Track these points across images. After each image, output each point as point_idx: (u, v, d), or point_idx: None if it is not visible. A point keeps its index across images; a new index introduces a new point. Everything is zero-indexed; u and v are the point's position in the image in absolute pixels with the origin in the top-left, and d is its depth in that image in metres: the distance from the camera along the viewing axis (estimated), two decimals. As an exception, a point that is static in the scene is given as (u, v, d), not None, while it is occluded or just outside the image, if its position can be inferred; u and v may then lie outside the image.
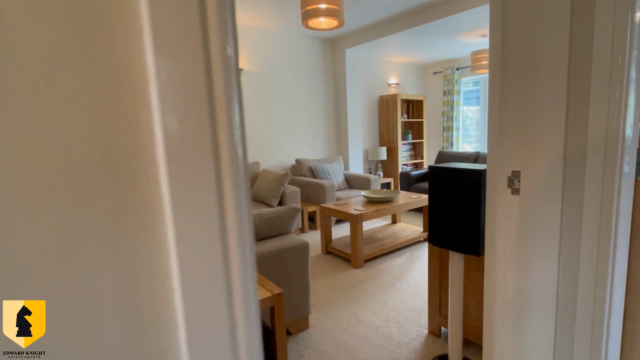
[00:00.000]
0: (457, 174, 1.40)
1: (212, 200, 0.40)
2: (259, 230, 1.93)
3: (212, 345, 0.42)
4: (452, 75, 5.51)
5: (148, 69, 0.36)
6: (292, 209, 2.05)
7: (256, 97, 4.44)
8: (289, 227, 2.08)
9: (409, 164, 5.95)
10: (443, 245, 1.50)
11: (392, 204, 3.11)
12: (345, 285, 2.55)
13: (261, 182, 3.94)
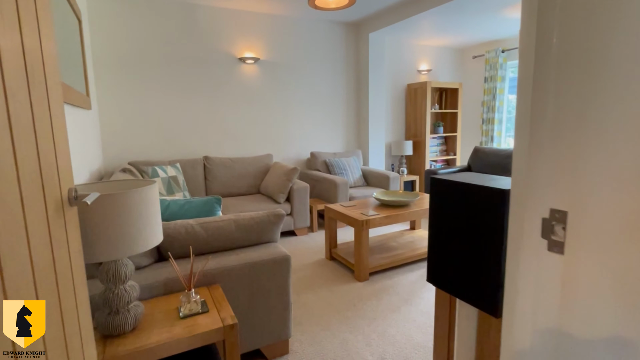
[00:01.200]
0: (471, 193, 1.05)
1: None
2: (232, 238, 1.71)
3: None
4: (495, 59, 4.97)
5: None
6: (274, 215, 1.81)
7: (271, 87, 4.24)
8: (271, 235, 1.84)
9: (439, 160, 5.52)
10: (447, 289, 1.19)
11: (407, 209, 2.78)
12: (343, 302, 2.29)
13: (271, 177, 3.74)
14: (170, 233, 1.58)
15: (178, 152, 3.86)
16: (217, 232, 1.67)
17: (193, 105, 3.86)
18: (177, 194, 3.34)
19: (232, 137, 4.13)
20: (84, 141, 2.42)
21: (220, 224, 1.69)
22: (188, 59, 3.77)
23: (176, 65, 3.72)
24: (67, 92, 1.85)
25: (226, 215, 1.75)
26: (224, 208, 3.35)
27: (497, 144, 5.21)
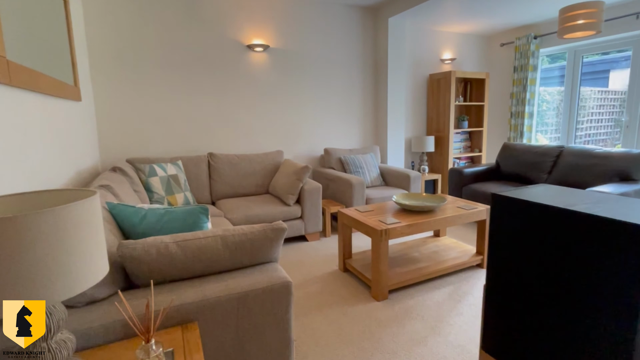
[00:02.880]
0: (582, 225, 0.62)
1: None
2: (218, 259, 1.33)
3: None
4: (527, 46, 4.42)
5: None
6: (272, 230, 1.42)
7: (282, 77, 3.85)
8: (269, 254, 1.46)
9: (463, 157, 5.02)
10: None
11: (432, 217, 2.35)
12: (357, 328, 1.90)
13: (280, 176, 3.37)
14: (138, 255, 1.21)
15: (181, 148, 3.53)
16: (199, 253, 1.30)
17: (197, 97, 3.51)
18: (177, 195, 3.00)
19: (239, 132, 3.76)
20: (67, 136, 2.09)
21: (203, 242, 1.31)
22: (191, 46, 3.41)
23: (179, 54, 3.37)
24: (34, 79, 1.50)
25: (212, 230, 1.37)
26: (228, 209, 2.99)
27: (527, 140, 4.67)
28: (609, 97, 4.58)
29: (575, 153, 3.31)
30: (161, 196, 2.90)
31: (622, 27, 3.76)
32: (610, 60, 4.46)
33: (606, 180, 2.95)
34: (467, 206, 2.58)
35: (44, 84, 1.67)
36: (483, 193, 3.52)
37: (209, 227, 1.54)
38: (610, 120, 4.51)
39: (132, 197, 2.25)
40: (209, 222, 1.55)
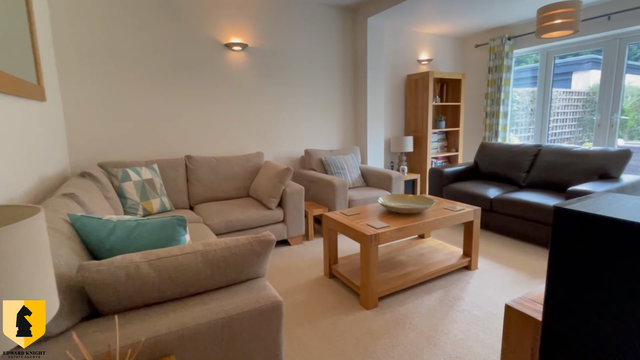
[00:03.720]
0: None
1: None
2: (197, 278, 1.15)
3: None
4: (501, 47, 4.44)
5: None
6: (259, 243, 1.25)
7: (261, 77, 3.65)
8: (256, 270, 1.29)
9: (440, 157, 5.00)
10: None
11: (421, 219, 2.25)
12: (349, 341, 1.76)
13: (261, 178, 3.18)
14: (103, 279, 1.01)
15: (156, 151, 3.27)
16: (176, 273, 1.11)
17: (173, 97, 3.26)
18: (153, 200, 2.76)
19: (218, 134, 3.54)
20: (28, 139, 1.82)
21: (180, 260, 1.13)
22: (167, 45, 3.15)
23: (153, 52, 3.11)
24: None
25: (190, 245, 1.19)
26: (207, 215, 2.78)
27: (501, 139, 4.71)
28: (572, 97, 4.69)
29: (553, 152, 3.32)
30: (136, 202, 2.65)
31: (594, 28, 3.82)
32: (572, 63, 4.57)
33: (586, 179, 2.97)
34: (453, 207, 2.50)
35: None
36: (464, 193, 3.48)
37: (187, 240, 1.35)
38: (574, 119, 4.62)
39: (102, 205, 2.01)
40: (187, 234, 1.36)
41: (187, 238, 1.36)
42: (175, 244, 1.29)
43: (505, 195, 3.17)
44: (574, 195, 2.62)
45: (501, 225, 3.19)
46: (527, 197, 3.02)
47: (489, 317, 1.95)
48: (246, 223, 2.83)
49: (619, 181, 2.81)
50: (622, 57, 3.81)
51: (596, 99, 4.29)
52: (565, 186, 3.10)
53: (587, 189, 2.58)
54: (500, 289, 2.27)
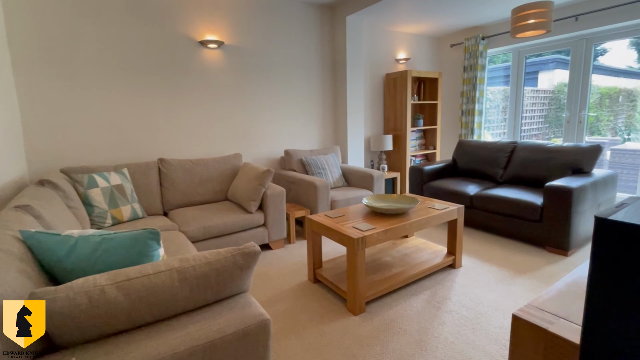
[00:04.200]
0: None
1: None
2: (174, 299, 1.02)
3: None
4: (475, 47, 4.49)
5: None
6: (242, 255, 1.14)
7: (238, 76, 3.49)
8: (239, 285, 1.17)
9: (419, 155, 5.02)
10: None
11: (407, 220, 2.19)
12: (338, 351, 1.67)
13: (240, 181, 3.03)
14: (60, 308, 0.86)
15: (126, 154, 3.04)
16: (149, 295, 0.98)
17: (145, 97, 3.04)
18: (123, 207, 2.55)
19: (193, 135, 3.35)
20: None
21: (153, 280, 0.99)
22: (136, 42, 2.94)
23: (122, 50, 2.88)
24: None
25: (165, 262, 1.05)
26: (183, 221, 2.61)
27: (477, 136, 4.78)
28: (539, 95, 4.84)
29: (528, 148, 3.38)
30: (103, 210, 2.44)
31: (563, 28, 3.92)
32: (538, 63, 4.71)
33: (560, 174, 3.03)
34: (437, 206, 2.47)
35: None
36: (444, 190, 3.48)
37: (161, 255, 1.21)
38: (541, 117, 4.77)
39: (64, 216, 1.81)
40: (160, 248, 1.22)
41: (161, 252, 1.22)
42: (147, 261, 1.15)
43: (484, 191, 3.20)
44: (552, 191, 2.66)
45: (481, 222, 3.21)
46: (505, 193, 3.05)
47: (478, 317, 1.93)
48: (225, 228, 2.68)
49: (592, 176, 2.89)
50: (589, 56, 3.94)
51: (561, 96, 4.43)
52: (541, 181, 3.16)
53: (564, 184, 2.62)
54: (485, 287, 2.25)
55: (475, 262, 2.64)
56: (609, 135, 4.15)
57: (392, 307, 2.04)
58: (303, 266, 2.66)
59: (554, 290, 1.01)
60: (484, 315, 1.94)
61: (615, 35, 3.72)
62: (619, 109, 4.06)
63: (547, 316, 0.89)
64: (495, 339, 1.73)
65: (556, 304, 0.96)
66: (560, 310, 0.94)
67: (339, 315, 1.99)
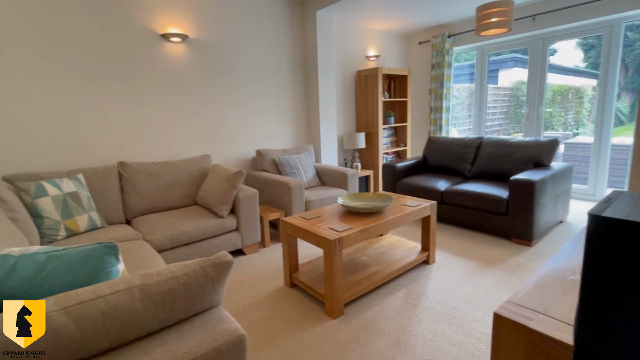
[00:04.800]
0: None
1: None
2: (136, 321, 0.92)
3: None
4: (442, 45, 4.59)
5: None
6: (212, 266, 1.05)
7: (204, 72, 3.32)
8: (210, 299, 1.08)
9: (390, 152, 5.06)
10: None
11: (383, 218, 2.17)
12: (318, 357, 1.62)
13: (209, 184, 2.89)
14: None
15: (81, 158, 2.81)
16: (105, 319, 0.87)
17: (100, 95, 2.82)
18: (79, 217, 2.35)
19: (157, 136, 3.16)
20: None
21: (111, 301, 0.88)
22: (91, 33, 2.70)
23: (74, 42, 2.64)
24: None
25: (125, 279, 0.94)
26: (148, 229, 2.44)
27: (445, 133, 4.90)
28: (500, 92, 5.05)
29: (493, 143, 3.49)
30: (55, 221, 2.23)
31: (522, 28, 4.09)
32: (498, 61, 4.92)
33: (523, 168, 3.15)
34: (411, 203, 2.48)
35: None
36: (416, 187, 3.52)
37: (120, 271, 1.10)
38: (502, 113, 4.99)
39: (5, 231, 1.62)
40: (120, 263, 1.10)
41: (121, 268, 1.10)
42: (104, 279, 1.03)
43: (453, 187, 3.26)
44: (516, 184, 2.76)
45: (452, 216, 3.28)
46: (473, 187, 3.13)
47: (453, 312, 1.94)
48: (194, 235, 2.54)
49: (551, 169, 3.03)
50: (545, 55, 4.14)
51: (519, 93, 4.65)
52: (506, 175, 3.28)
53: (527, 178, 2.72)
54: (458, 281, 2.29)
55: (447, 256, 2.68)
56: (560, 130, 4.41)
57: (370, 308, 2.02)
58: (279, 271, 2.59)
59: (530, 284, 1.01)
60: (458, 310, 1.97)
61: (568, 35, 3.93)
62: (569, 105, 4.32)
63: (527, 312, 0.88)
64: (470, 333, 1.75)
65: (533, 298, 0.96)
66: (538, 305, 0.94)
67: (318, 319, 1.93)
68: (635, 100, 3.85)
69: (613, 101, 3.74)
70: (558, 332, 0.81)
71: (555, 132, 4.44)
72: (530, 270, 2.38)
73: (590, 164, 3.99)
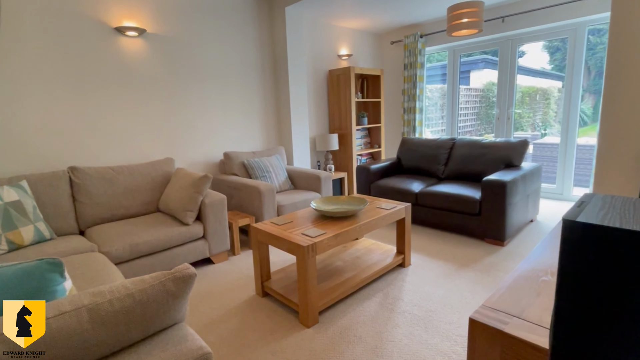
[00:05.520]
0: None
1: None
2: (85, 346, 0.84)
3: None
4: (414, 45, 4.70)
5: None
6: (173, 280, 0.99)
7: (165, 70, 3.19)
8: (172, 316, 1.02)
9: (364, 153, 5.12)
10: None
11: (356, 222, 2.18)
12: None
13: (173, 189, 2.77)
14: None
15: (24, 164, 2.61)
16: (46, 347, 0.79)
17: (47, 94, 2.63)
18: (23, 229, 2.17)
19: (113, 139, 3.00)
20: None
21: (53, 326, 0.81)
22: (33, 27, 2.52)
23: (15, 36, 2.45)
24: None
25: (71, 300, 0.87)
26: (105, 240, 2.30)
27: (418, 134, 5.02)
28: (472, 93, 5.25)
29: (465, 144, 3.61)
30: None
31: (491, 29, 4.27)
32: (470, 62, 5.12)
33: (495, 168, 3.28)
34: (386, 205, 2.50)
35: None
36: (390, 188, 3.57)
37: (67, 289, 1.01)
38: (474, 114, 5.19)
39: None
40: (66, 281, 1.02)
41: (68, 286, 1.02)
42: (48, 299, 0.94)
43: (427, 188, 3.34)
44: (488, 185, 2.86)
45: (427, 218, 3.35)
46: (446, 189, 3.21)
47: (429, 315, 1.97)
48: (157, 244, 2.43)
49: (521, 169, 3.17)
50: (514, 56, 4.35)
51: (489, 94, 4.85)
52: (479, 176, 3.39)
53: (498, 178, 2.83)
54: (434, 283, 2.33)
55: (423, 258, 2.73)
56: (529, 130, 4.64)
57: (346, 314, 2.01)
58: (250, 279, 2.52)
59: (504, 287, 1.04)
60: (434, 313, 2.00)
61: (535, 37, 4.15)
62: (537, 106, 4.56)
63: (501, 316, 0.90)
64: (446, 336, 1.78)
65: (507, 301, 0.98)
66: (512, 309, 0.96)
67: (292, 329, 1.90)
68: (598, 102, 4.13)
69: (578, 103, 3.98)
70: (533, 335, 0.83)
71: (525, 132, 4.67)
72: (504, 270, 2.46)
73: (557, 164, 4.23)
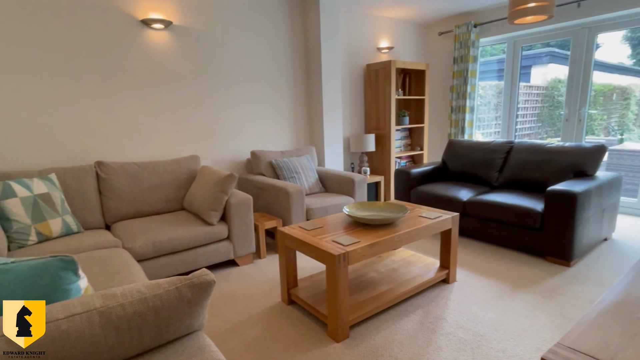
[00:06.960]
0: None
1: None
2: (95, 349, 0.83)
3: None
4: (466, 36, 4.50)
5: None
6: (189, 287, 0.96)
7: (191, 63, 3.28)
8: (188, 324, 1.00)
9: (404, 156, 4.97)
10: None
11: (396, 230, 2.08)
12: (318, 395, 1.52)
13: (198, 187, 2.82)
14: None
15: (53, 157, 2.77)
16: (55, 350, 0.78)
17: (73, 88, 2.78)
18: (52, 221, 2.29)
19: (139, 134, 3.11)
20: None
21: (63, 328, 0.80)
22: (61, 21, 2.67)
23: (43, 31, 2.61)
24: None
25: (82, 301, 0.86)
26: (129, 236, 2.38)
27: (468, 136, 4.79)
28: (532, 92, 4.92)
29: (526, 149, 3.37)
30: (25, 225, 2.19)
31: (563, 16, 3.94)
32: (531, 56, 4.79)
33: (562, 177, 3.03)
34: (429, 214, 2.38)
35: None
36: (434, 196, 3.42)
37: (82, 288, 1.02)
38: (534, 115, 4.86)
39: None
40: (80, 279, 1.02)
41: (83, 285, 1.03)
42: (61, 298, 0.95)
43: (478, 197, 3.15)
44: (554, 195, 2.64)
45: (475, 230, 3.17)
46: (502, 198, 3.01)
47: (477, 340, 1.84)
48: (180, 243, 2.47)
49: (596, 179, 2.89)
50: (591, 47, 3.97)
51: (555, 93, 4.51)
52: (541, 185, 3.16)
53: (567, 189, 2.60)
54: (483, 304, 2.18)
55: (470, 275, 2.57)
56: (602, 135, 4.27)
57: (380, 331, 1.92)
58: (276, 285, 2.50)
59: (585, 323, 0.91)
60: (484, 338, 1.86)
61: (618, 24, 3.76)
62: (613, 107, 4.18)
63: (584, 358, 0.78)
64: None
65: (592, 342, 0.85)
66: (600, 352, 0.83)
67: (319, 342, 1.84)
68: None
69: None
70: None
71: (597, 137, 4.30)
72: (571, 296, 2.25)
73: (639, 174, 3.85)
